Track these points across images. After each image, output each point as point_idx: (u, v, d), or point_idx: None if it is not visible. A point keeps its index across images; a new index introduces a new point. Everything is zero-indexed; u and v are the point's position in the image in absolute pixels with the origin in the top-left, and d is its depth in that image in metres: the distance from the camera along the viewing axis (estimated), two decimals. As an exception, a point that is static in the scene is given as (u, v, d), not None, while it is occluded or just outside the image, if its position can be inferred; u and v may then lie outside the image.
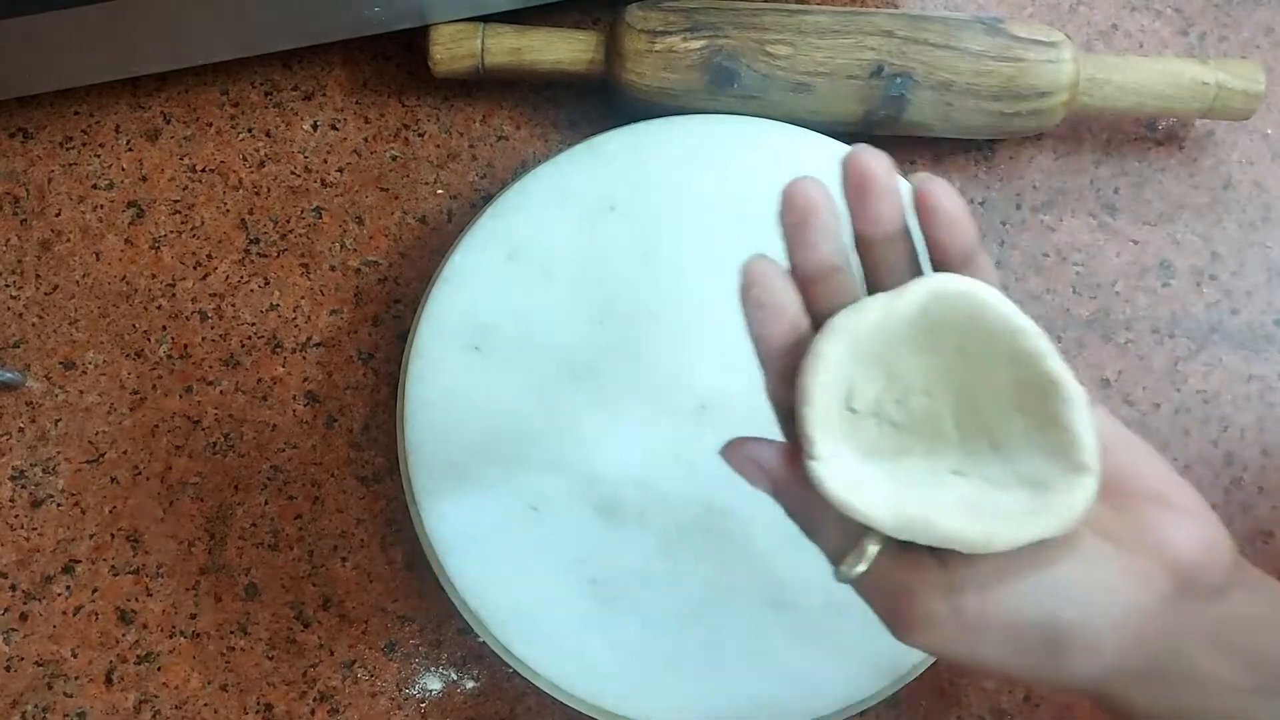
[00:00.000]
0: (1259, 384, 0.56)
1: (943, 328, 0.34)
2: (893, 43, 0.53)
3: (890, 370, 0.35)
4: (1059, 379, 0.34)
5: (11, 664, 0.51)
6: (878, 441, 0.35)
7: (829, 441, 0.34)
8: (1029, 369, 0.34)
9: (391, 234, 0.56)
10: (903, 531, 0.33)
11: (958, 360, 0.35)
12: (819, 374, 0.34)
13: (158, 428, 0.54)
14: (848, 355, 0.34)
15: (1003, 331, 0.34)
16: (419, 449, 0.50)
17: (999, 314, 0.34)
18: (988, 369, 0.35)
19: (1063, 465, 0.34)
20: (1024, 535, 0.32)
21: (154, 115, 0.57)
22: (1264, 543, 0.54)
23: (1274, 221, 0.58)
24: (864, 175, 0.35)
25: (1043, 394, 0.34)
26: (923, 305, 0.34)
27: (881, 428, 0.36)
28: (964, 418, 0.35)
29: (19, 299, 0.55)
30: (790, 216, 0.35)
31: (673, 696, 0.48)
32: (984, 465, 0.35)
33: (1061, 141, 0.59)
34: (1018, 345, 0.34)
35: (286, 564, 0.53)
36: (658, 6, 0.54)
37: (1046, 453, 0.34)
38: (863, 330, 0.34)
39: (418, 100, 0.58)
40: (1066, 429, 0.34)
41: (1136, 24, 0.61)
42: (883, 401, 0.35)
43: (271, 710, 0.51)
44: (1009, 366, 0.34)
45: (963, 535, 0.32)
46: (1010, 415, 0.35)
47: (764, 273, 0.35)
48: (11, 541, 0.52)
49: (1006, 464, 0.35)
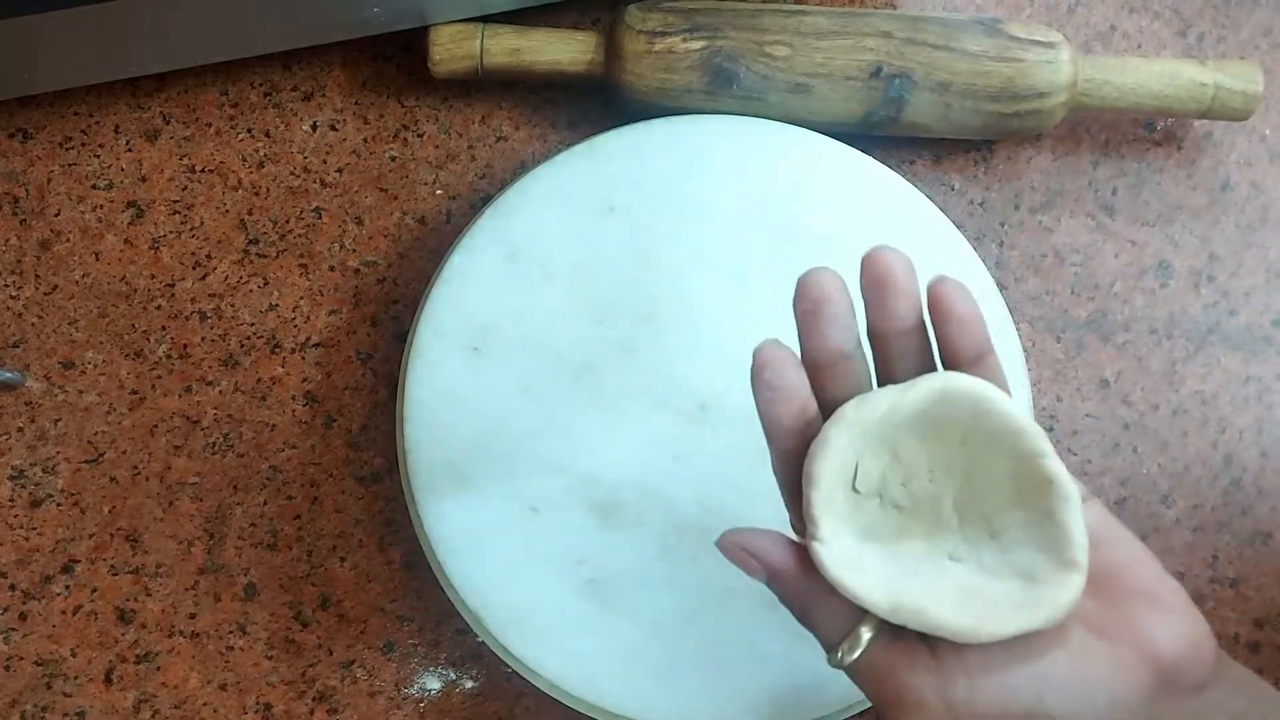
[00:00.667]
0: (1257, 385, 0.56)
1: (948, 421, 0.36)
2: (891, 44, 0.54)
3: (895, 453, 0.37)
4: (1056, 478, 0.35)
5: (11, 663, 0.51)
6: (879, 522, 0.37)
7: (832, 523, 0.35)
8: (1028, 466, 0.36)
9: (390, 234, 0.56)
10: (897, 617, 0.34)
11: (961, 450, 0.37)
12: (827, 459, 0.35)
13: (157, 428, 0.54)
14: (856, 441, 0.36)
15: (1005, 431, 0.36)
16: (418, 449, 0.50)
17: (1002, 415, 0.36)
18: (989, 461, 0.36)
19: (1054, 560, 0.35)
20: (1013, 627, 0.34)
21: (153, 115, 0.57)
22: (1263, 544, 0.54)
23: (1272, 223, 0.58)
24: (883, 274, 0.36)
25: (1039, 490, 0.36)
26: (930, 401, 0.36)
27: (884, 508, 0.37)
28: (964, 504, 0.37)
29: (18, 299, 0.55)
30: (803, 305, 0.37)
31: (671, 697, 0.48)
32: (980, 552, 0.36)
33: (1060, 142, 0.59)
34: (1019, 444, 0.36)
35: (285, 564, 0.53)
36: (657, 7, 0.54)
37: (1040, 546, 0.36)
38: (870, 422, 0.35)
39: (417, 101, 0.58)
40: (1060, 525, 0.35)
41: (1135, 25, 0.61)
42: (887, 483, 0.37)
43: (270, 710, 0.51)
44: (1009, 461, 0.36)
45: (954, 625, 0.34)
46: (1008, 506, 0.36)
47: (776, 358, 0.37)
48: (11, 541, 0.52)
49: (1002, 553, 0.36)
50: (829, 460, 0.35)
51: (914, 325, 0.37)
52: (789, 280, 0.52)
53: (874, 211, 0.53)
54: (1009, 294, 0.56)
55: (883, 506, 0.37)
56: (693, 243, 0.52)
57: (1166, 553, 0.54)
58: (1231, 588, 0.54)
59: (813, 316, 0.36)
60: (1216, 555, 0.54)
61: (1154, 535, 0.54)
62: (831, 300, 0.36)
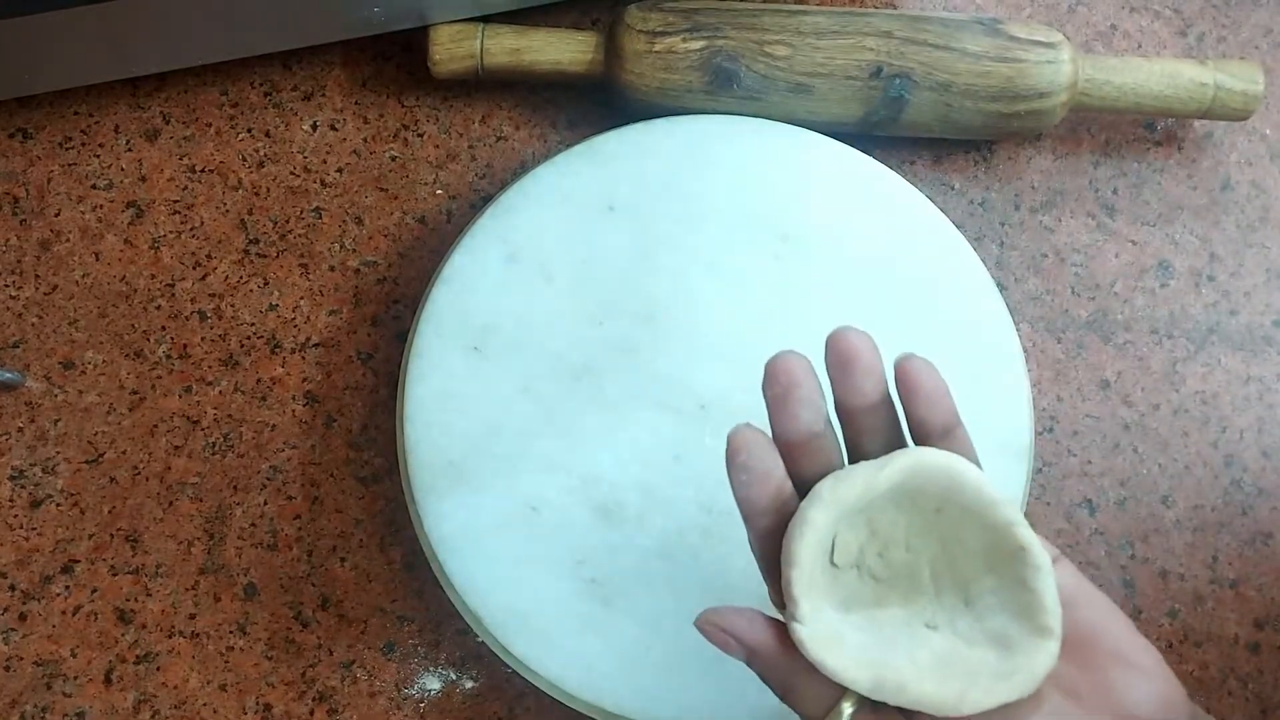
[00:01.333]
0: (1258, 385, 0.56)
1: (922, 494, 0.37)
2: (892, 44, 0.54)
3: (872, 526, 0.38)
4: (1028, 546, 0.36)
5: (10, 664, 0.51)
6: (857, 592, 0.38)
7: (812, 602, 0.36)
8: (1000, 535, 0.37)
9: (391, 234, 0.56)
10: (879, 694, 0.35)
11: (935, 520, 0.38)
12: (806, 539, 0.36)
13: (157, 428, 0.54)
14: (832, 516, 0.36)
15: (977, 503, 0.37)
16: (418, 449, 0.50)
17: (974, 488, 0.37)
18: (963, 530, 0.37)
19: (1028, 627, 0.36)
20: (992, 699, 0.35)
21: (153, 115, 0.57)
22: (1264, 544, 0.54)
23: (1272, 222, 0.58)
24: (847, 354, 0.37)
25: (1012, 558, 0.36)
26: (903, 477, 0.36)
27: (862, 579, 0.38)
28: (940, 572, 0.38)
29: (18, 299, 0.55)
30: (773, 389, 0.37)
31: (671, 697, 0.48)
32: (957, 619, 0.37)
33: (1060, 142, 0.59)
34: (991, 515, 0.37)
35: (285, 564, 0.53)
36: (657, 7, 0.54)
37: (1014, 613, 0.36)
38: (847, 500, 0.36)
39: (417, 101, 0.58)
40: (1033, 593, 0.36)
41: (1135, 25, 0.61)
42: (864, 554, 0.38)
43: (270, 710, 0.51)
44: (982, 530, 0.37)
45: (935, 699, 0.35)
46: (982, 574, 0.37)
47: (750, 441, 0.37)
48: (11, 541, 0.52)
49: (977, 620, 0.37)
50: (808, 540, 0.36)
51: (879, 400, 0.38)
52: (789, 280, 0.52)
53: (874, 211, 0.53)
54: (1009, 294, 0.56)
55: (860, 577, 0.38)
56: (693, 243, 0.52)
57: (1167, 553, 0.54)
58: (1231, 588, 0.54)
59: (783, 400, 0.37)
60: (1216, 556, 0.54)
61: (1154, 535, 0.54)
62: (800, 384, 0.37)
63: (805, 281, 0.52)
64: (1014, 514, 0.36)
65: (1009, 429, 0.51)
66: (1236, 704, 0.53)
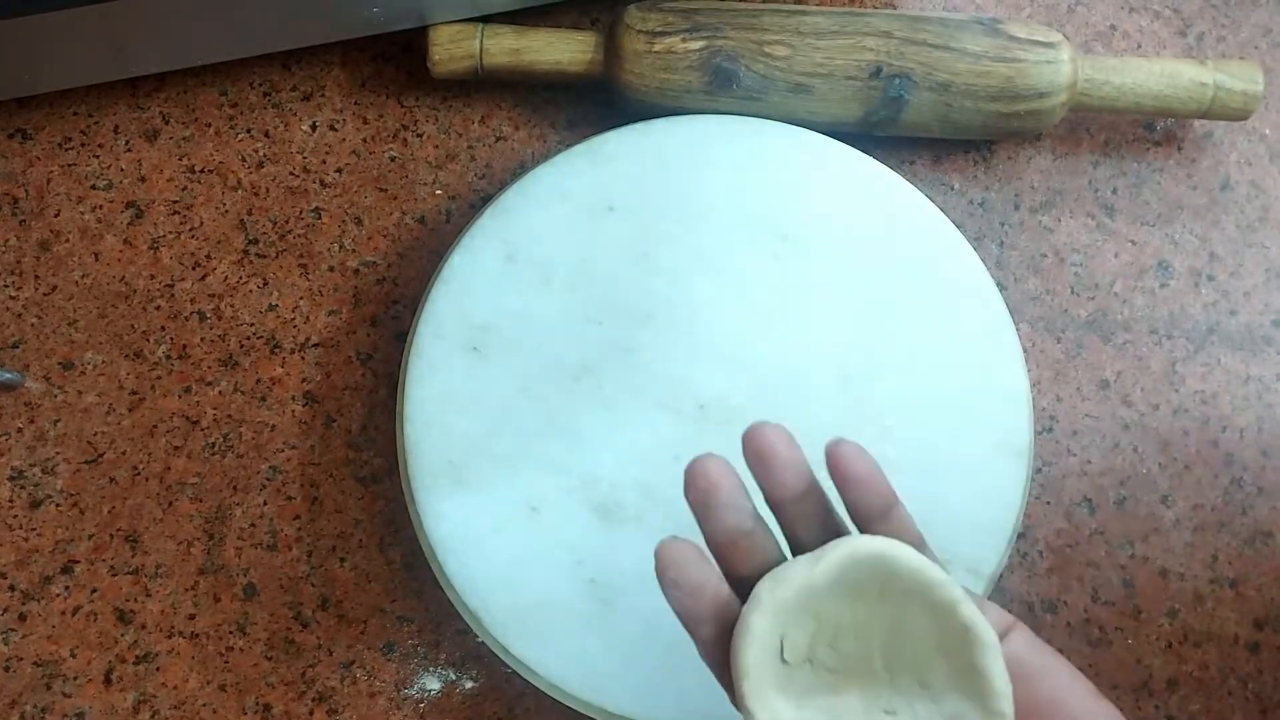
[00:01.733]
0: (1257, 385, 0.56)
1: (863, 582, 0.37)
2: (891, 44, 0.54)
3: (818, 618, 0.37)
4: (972, 626, 0.36)
5: (10, 664, 0.51)
6: (813, 686, 0.37)
7: (766, 706, 0.36)
8: (944, 616, 0.36)
9: (390, 235, 0.56)
10: None
11: (880, 606, 0.37)
12: (751, 646, 0.36)
13: (156, 428, 0.54)
14: (775, 618, 0.36)
15: (917, 586, 0.36)
16: (418, 449, 0.50)
17: (912, 571, 0.36)
18: (909, 614, 0.37)
19: (982, 710, 0.36)
20: None
21: (153, 116, 0.57)
22: (1263, 544, 0.54)
23: (1272, 222, 0.58)
24: (763, 451, 0.37)
25: (960, 638, 0.36)
26: (840, 569, 0.36)
27: (816, 672, 0.37)
28: (892, 658, 0.38)
29: (18, 299, 0.55)
30: (693, 495, 0.38)
31: (671, 696, 0.48)
32: (915, 704, 0.37)
33: (1060, 142, 0.59)
34: (932, 597, 0.36)
35: (285, 564, 0.53)
36: (657, 7, 0.54)
37: (966, 694, 0.36)
38: (787, 600, 0.36)
39: (416, 101, 0.58)
40: (982, 674, 0.36)
41: (1135, 25, 0.61)
42: (815, 647, 0.37)
43: (270, 710, 0.51)
44: (927, 613, 0.37)
45: None
46: (934, 657, 0.37)
47: (678, 555, 0.37)
48: (10, 542, 0.52)
49: (934, 703, 0.37)
50: (754, 647, 0.36)
51: (805, 489, 0.38)
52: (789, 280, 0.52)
53: (874, 212, 0.53)
54: (1009, 294, 0.56)
55: (814, 670, 0.37)
56: (693, 243, 0.52)
57: (1166, 553, 0.54)
58: (1231, 588, 0.54)
59: (705, 506, 0.37)
60: (1216, 555, 0.54)
61: (1154, 535, 0.54)
62: (719, 488, 0.37)
63: (805, 281, 0.52)
64: (956, 593, 0.36)
65: (1009, 429, 0.51)
66: (1236, 704, 0.53)
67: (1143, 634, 0.53)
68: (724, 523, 0.38)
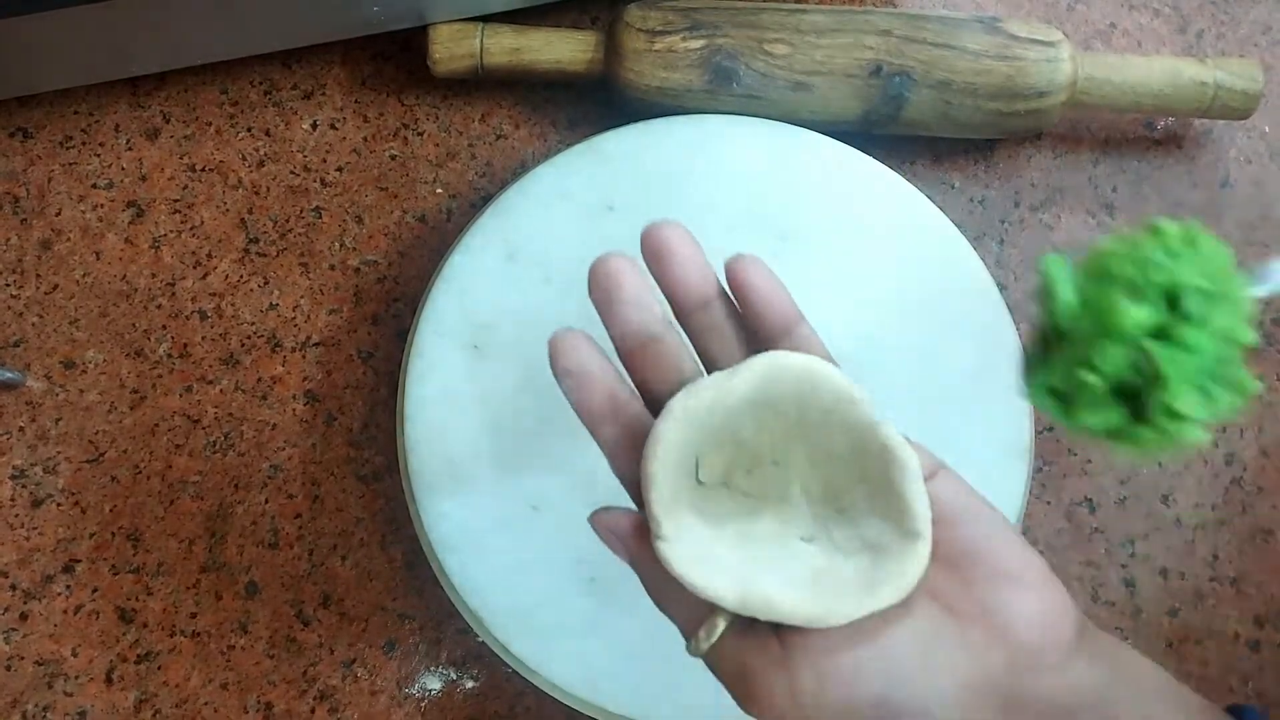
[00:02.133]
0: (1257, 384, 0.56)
1: (781, 401, 0.35)
2: (891, 42, 0.54)
3: (737, 440, 0.36)
4: (891, 447, 0.35)
5: (12, 663, 0.51)
6: (728, 510, 0.36)
7: (675, 520, 0.35)
8: (864, 436, 0.35)
9: (391, 233, 0.56)
10: (744, 609, 0.34)
11: (799, 429, 0.36)
12: (659, 457, 0.34)
13: (158, 427, 0.54)
14: (690, 433, 0.35)
15: (837, 403, 0.35)
16: (419, 448, 0.50)
17: (832, 389, 0.35)
18: (828, 435, 0.36)
19: (898, 531, 0.35)
20: (859, 610, 0.34)
21: (153, 115, 0.57)
22: (1263, 542, 0.54)
23: (1272, 221, 0.58)
24: (659, 245, 0.36)
25: (879, 460, 0.35)
26: (757, 383, 0.35)
27: (732, 496, 0.36)
28: (811, 484, 0.36)
29: (19, 298, 0.55)
30: (595, 294, 0.37)
31: (671, 696, 0.48)
32: (832, 529, 0.36)
33: (1060, 140, 0.59)
34: (852, 415, 0.35)
35: (286, 563, 0.53)
36: (657, 6, 0.54)
37: (883, 517, 0.35)
38: (700, 412, 0.35)
39: (417, 100, 0.58)
40: (900, 496, 0.35)
41: (1134, 23, 0.61)
42: (731, 471, 0.36)
43: (271, 709, 0.51)
44: (846, 433, 0.36)
45: (801, 613, 0.33)
46: (853, 480, 0.36)
47: (567, 341, 0.36)
48: (12, 541, 0.53)
49: (851, 527, 0.36)
50: (662, 458, 0.34)
51: (711, 296, 0.36)
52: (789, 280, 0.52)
53: (874, 211, 0.53)
54: (1009, 293, 0.56)
55: (731, 494, 0.36)
56: (693, 242, 0.52)
57: (1167, 551, 0.54)
58: (1232, 586, 0.54)
59: (607, 304, 0.36)
60: (1217, 554, 0.54)
61: (1154, 534, 0.54)
62: (622, 285, 0.36)
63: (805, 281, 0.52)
64: (876, 413, 0.35)
65: (1009, 428, 0.51)
66: (1237, 701, 0.53)
67: (1143, 633, 0.53)
68: (629, 322, 0.36)
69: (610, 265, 0.36)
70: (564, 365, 0.36)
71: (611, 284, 0.36)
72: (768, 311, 0.36)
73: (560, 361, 0.36)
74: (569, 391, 0.36)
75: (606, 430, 0.36)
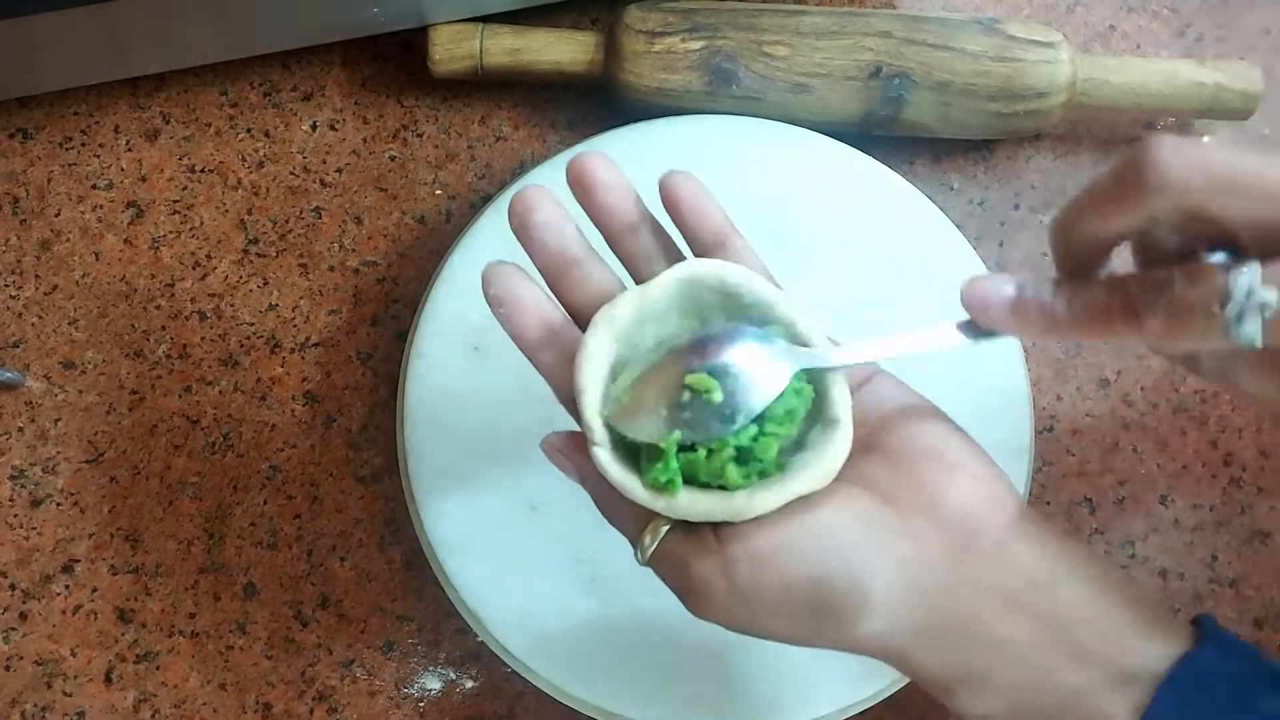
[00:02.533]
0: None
1: (704, 308, 0.37)
2: (891, 43, 0.54)
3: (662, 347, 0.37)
4: (809, 340, 0.36)
5: (11, 663, 0.51)
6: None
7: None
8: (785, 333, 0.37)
9: (390, 234, 0.56)
10: (672, 511, 0.35)
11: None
12: (587, 367, 0.36)
13: (157, 427, 0.54)
14: (611, 338, 0.36)
15: (756, 306, 0.37)
16: (418, 449, 0.50)
17: (750, 292, 0.37)
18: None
19: (819, 422, 0.36)
20: (782, 495, 0.35)
21: (153, 115, 0.57)
22: (1262, 543, 0.54)
23: (1272, 222, 0.58)
24: (582, 173, 0.37)
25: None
26: (676, 289, 0.36)
27: None
28: None
29: (19, 299, 0.55)
30: (513, 222, 0.38)
31: (671, 696, 0.48)
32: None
33: (1060, 142, 0.59)
34: (771, 316, 0.37)
35: (285, 563, 0.53)
36: (657, 7, 0.54)
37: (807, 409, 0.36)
38: (624, 322, 0.36)
39: (416, 101, 0.58)
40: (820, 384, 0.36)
41: (1134, 24, 0.61)
42: None
43: (270, 709, 0.51)
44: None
45: (724, 507, 0.35)
46: None
47: (497, 271, 0.37)
48: (11, 541, 0.52)
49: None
50: (590, 367, 0.36)
51: (637, 220, 0.37)
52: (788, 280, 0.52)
53: (874, 211, 0.53)
54: (1008, 293, 0.56)
55: None
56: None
57: (1166, 552, 0.54)
58: (1231, 587, 0.54)
59: (524, 230, 0.37)
60: (1215, 555, 0.54)
61: (1153, 534, 0.54)
62: (536, 209, 0.37)
63: (804, 281, 0.52)
64: (794, 311, 0.36)
65: (1009, 429, 0.51)
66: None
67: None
68: (547, 248, 0.37)
69: (526, 195, 0.37)
70: (494, 293, 0.37)
71: (526, 211, 0.37)
72: (701, 225, 0.38)
73: (490, 291, 0.37)
74: (503, 320, 0.37)
75: (544, 355, 0.37)
